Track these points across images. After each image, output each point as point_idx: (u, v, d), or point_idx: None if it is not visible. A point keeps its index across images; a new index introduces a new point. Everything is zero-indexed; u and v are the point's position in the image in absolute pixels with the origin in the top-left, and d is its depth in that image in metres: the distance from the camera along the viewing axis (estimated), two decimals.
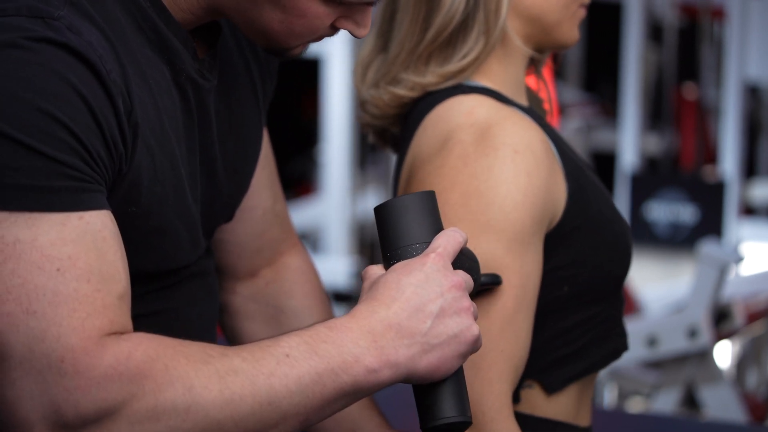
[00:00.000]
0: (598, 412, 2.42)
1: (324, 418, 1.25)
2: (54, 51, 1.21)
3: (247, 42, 1.51)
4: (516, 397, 1.54)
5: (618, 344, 1.61)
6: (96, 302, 1.19)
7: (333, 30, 1.37)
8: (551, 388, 1.54)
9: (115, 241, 1.23)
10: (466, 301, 1.28)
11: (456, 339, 1.27)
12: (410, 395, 1.34)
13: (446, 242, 1.31)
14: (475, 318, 1.29)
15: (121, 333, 1.20)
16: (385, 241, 1.34)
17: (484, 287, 1.45)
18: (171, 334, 1.28)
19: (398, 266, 1.30)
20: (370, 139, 1.70)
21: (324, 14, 1.34)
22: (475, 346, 1.28)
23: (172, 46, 1.35)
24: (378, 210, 1.34)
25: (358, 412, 1.57)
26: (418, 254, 1.32)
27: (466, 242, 1.34)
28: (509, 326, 1.46)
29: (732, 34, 6.06)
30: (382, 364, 1.24)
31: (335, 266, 5.52)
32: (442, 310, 1.27)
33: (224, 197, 1.49)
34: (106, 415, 1.17)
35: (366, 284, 1.31)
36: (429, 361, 1.26)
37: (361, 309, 1.27)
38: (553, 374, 1.55)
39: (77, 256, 1.19)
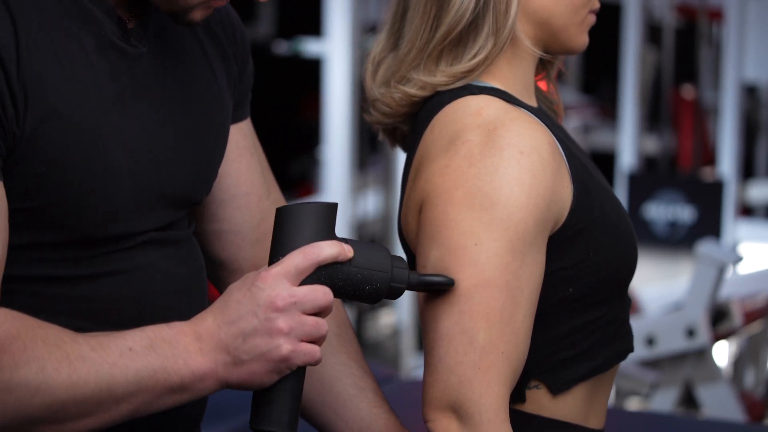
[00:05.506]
0: None
1: (152, 412, 1.35)
2: None
3: (204, 25, 1.54)
4: (522, 397, 1.54)
5: (623, 346, 1.61)
6: None
7: None
8: (557, 388, 1.55)
9: None
10: (281, 322, 1.34)
11: (263, 357, 1.35)
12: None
13: (292, 259, 1.37)
14: (318, 338, 1.36)
15: None
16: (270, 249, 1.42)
17: (432, 288, 1.45)
18: (126, 295, 1.38)
19: (240, 280, 1.38)
20: (380, 137, 1.70)
21: None
22: (285, 364, 1.36)
23: (94, 16, 1.39)
24: (275, 214, 1.41)
25: (367, 410, 1.59)
26: None
27: (339, 256, 1.38)
28: (509, 327, 1.46)
29: (729, 34, 6.07)
30: (204, 372, 1.35)
31: None
32: (254, 330, 1.35)
33: (187, 166, 1.50)
34: None
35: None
36: (239, 374, 1.36)
37: (201, 314, 1.37)
38: (559, 375, 1.55)
39: None
